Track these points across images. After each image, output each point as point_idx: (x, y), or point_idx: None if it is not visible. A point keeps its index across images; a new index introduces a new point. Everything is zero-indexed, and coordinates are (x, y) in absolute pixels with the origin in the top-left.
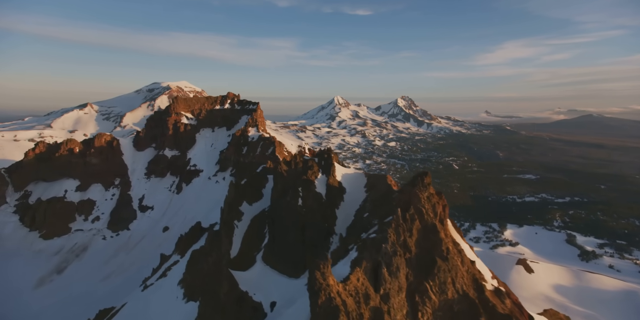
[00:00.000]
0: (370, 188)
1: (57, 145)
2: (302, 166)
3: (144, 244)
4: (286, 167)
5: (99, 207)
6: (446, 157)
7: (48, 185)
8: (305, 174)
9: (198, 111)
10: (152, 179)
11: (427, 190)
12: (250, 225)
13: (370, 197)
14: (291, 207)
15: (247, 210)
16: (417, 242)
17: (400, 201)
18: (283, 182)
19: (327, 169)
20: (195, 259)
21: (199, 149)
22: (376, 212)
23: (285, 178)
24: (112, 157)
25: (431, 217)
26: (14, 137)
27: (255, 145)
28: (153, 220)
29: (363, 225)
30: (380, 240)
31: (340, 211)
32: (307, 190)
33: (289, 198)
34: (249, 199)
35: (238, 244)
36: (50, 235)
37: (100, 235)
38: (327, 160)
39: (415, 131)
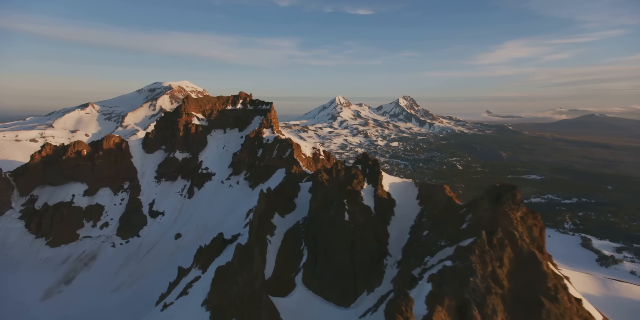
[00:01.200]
0: (424, 200)
1: (64, 148)
2: (345, 175)
3: (156, 252)
4: (327, 176)
5: (107, 212)
6: (449, 157)
7: (55, 190)
8: (350, 183)
9: (209, 111)
10: (162, 182)
11: (519, 209)
12: (284, 241)
13: (427, 211)
14: (337, 222)
15: (279, 223)
16: (510, 275)
17: (482, 221)
18: (324, 193)
19: (373, 178)
20: (221, 276)
21: (210, 151)
22: (440, 231)
23: (326, 188)
24: (120, 159)
25: (527, 242)
26: (16, 137)
27: (271, 147)
28: (164, 227)
29: (425, 247)
30: (464, 271)
31: (392, 227)
32: (353, 202)
33: (334, 212)
34: (280, 210)
35: (272, 263)
36: (57, 243)
37: (109, 242)
38: (372, 168)
39: (417, 131)
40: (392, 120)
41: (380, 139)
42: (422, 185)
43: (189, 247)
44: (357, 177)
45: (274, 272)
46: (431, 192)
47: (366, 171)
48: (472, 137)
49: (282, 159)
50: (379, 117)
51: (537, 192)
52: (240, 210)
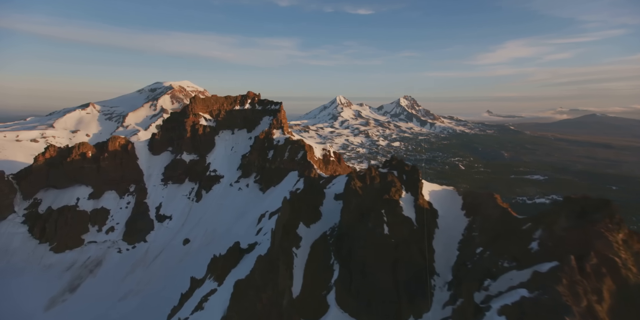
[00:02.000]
0: (471, 210)
1: (68, 150)
2: (380, 182)
3: (163, 258)
4: (360, 183)
5: (113, 216)
6: (451, 157)
7: (59, 193)
8: (387, 192)
9: (216, 112)
10: (169, 185)
11: (620, 230)
12: (311, 254)
13: (477, 224)
14: (376, 236)
15: (305, 233)
16: (612, 313)
17: (565, 242)
18: (358, 202)
19: (412, 186)
20: (241, 292)
21: (218, 153)
22: (500, 249)
23: (360, 197)
24: (126, 161)
25: (633, 272)
26: (16, 137)
27: (282, 149)
28: (172, 231)
29: (482, 267)
30: (552, 305)
31: (437, 242)
32: (392, 213)
33: (372, 224)
34: (305, 219)
35: (299, 279)
36: (62, 248)
37: (115, 247)
38: (411, 174)
39: (419, 131)
40: (393, 120)
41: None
42: (466, 193)
43: (198, 253)
44: (394, 185)
45: (302, 289)
46: (479, 201)
47: (403, 178)
48: (474, 137)
49: (294, 161)
50: (379, 117)
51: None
52: (250, 215)
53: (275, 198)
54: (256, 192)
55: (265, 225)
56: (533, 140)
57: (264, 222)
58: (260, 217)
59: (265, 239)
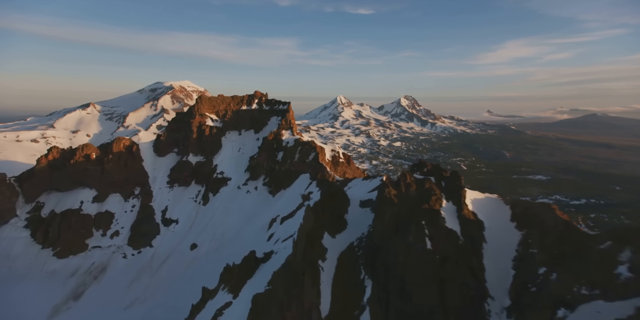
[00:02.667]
0: (523, 223)
1: (71, 151)
2: (416, 189)
3: (170, 264)
4: (395, 191)
5: (118, 220)
6: (453, 157)
7: (62, 196)
8: (427, 201)
9: (223, 112)
10: (175, 188)
11: None
12: (338, 267)
13: (535, 239)
14: (417, 251)
15: (330, 244)
16: None
17: None
18: (393, 212)
19: (454, 194)
20: (261, 308)
21: (225, 155)
22: (573, 271)
23: (396, 206)
24: (131, 163)
25: None
26: (17, 137)
27: (292, 150)
28: (178, 236)
29: (552, 293)
30: None
31: (487, 259)
32: (434, 225)
33: (412, 238)
34: (330, 228)
35: (327, 296)
36: (65, 254)
37: (120, 252)
38: (452, 181)
39: (419, 131)
40: (393, 120)
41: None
42: (516, 203)
43: (206, 259)
44: (434, 193)
45: (332, 308)
46: (532, 212)
47: (441, 185)
48: (475, 136)
49: (305, 164)
50: (380, 117)
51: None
52: (260, 219)
53: (286, 202)
54: (265, 195)
55: (277, 230)
56: (534, 140)
57: (275, 227)
58: (271, 222)
59: (281, 247)
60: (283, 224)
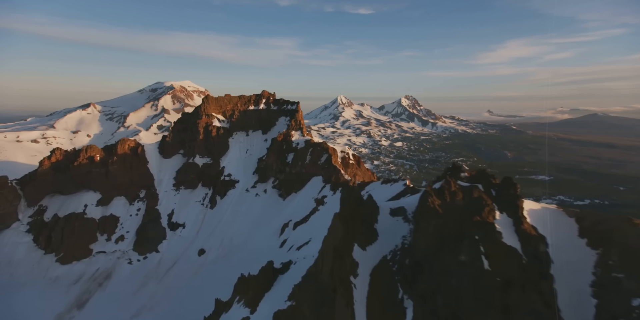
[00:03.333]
0: (597, 240)
1: (75, 153)
2: (463, 198)
3: (177, 270)
4: (439, 200)
5: (122, 224)
6: (455, 157)
7: (65, 199)
8: (479, 212)
9: (230, 112)
10: (181, 190)
11: None
12: (371, 284)
13: (618, 260)
14: (473, 273)
15: (361, 257)
16: None
17: None
18: (438, 224)
19: (509, 204)
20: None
21: (233, 156)
22: None
23: (441, 218)
24: (136, 165)
25: None
26: (17, 138)
27: (303, 152)
28: (185, 241)
29: None
30: None
31: (558, 283)
32: (490, 241)
33: (466, 255)
34: (360, 240)
35: (361, 317)
36: (69, 259)
37: (126, 258)
38: (504, 189)
39: (420, 131)
40: (394, 120)
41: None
42: (582, 215)
43: (214, 266)
44: (486, 204)
45: None
46: (607, 227)
47: (491, 193)
48: (476, 136)
49: (317, 166)
50: (381, 116)
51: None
52: (271, 224)
53: (298, 205)
54: (275, 199)
55: (290, 236)
56: (535, 140)
57: (288, 233)
58: (283, 227)
59: (300, 257)
60: (296, 230)
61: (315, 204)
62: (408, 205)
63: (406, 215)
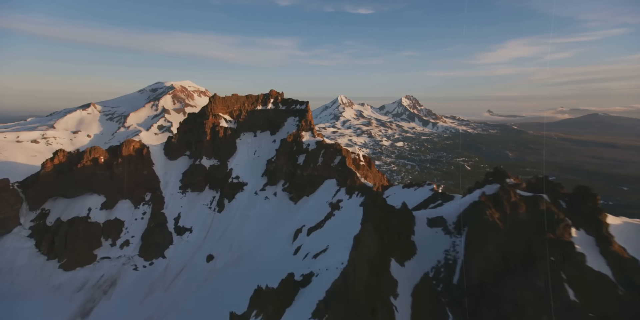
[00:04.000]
0: None
1: (79, 155)
2: (527, 211)
3: (185, 277)
4: (498, 214)
5: (128, 228)
6: (456, 157)
7: (69, 203)
8: (552, 229)
9: (237, 112)
10: (188, 193)
11: None
12: (414, 307)
13: None
14: (558, 307)
15: (399, 274)
16: None
17: None
18: (500, 241)
19: (587, 219)
20: None
21: (240, 158)
22: None
23: (502, 234)
24: (141, 167)
25: None
26: (17, 138)
27: (315, 153)
28: (193, 246)
29: None
30: None
31: None
32: (573, 265)
33: (542, 282)
34: (397, 254)
35: None
36: (72, 266)
37: (131, 264)
38: (579, 199)
39: (421, 131)
40: (395, 120)
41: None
42: None
43: (224, 273)
44: (559, 218)
45: None
46: None
47: (560, 204)
48: (477, 136)
49: (330, 168)
50: (381, 116)
51: None
52: (282, 229)
53: (310, 210)
54: (286, 202)
55: (304, 243)
56: (537, 140)
57: (301, 239)
58: (295, 233)
59: (321, 268)
60: (311, 236)
61: (329, 208)
62: (447, 214)
63: (446, 226)
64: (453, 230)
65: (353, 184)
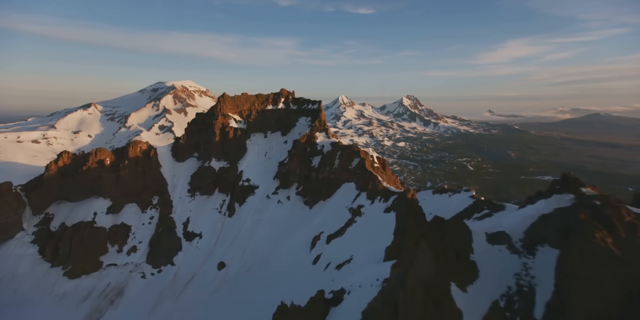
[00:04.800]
0: None
1: (84, 157)
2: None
3: (196, 286)
4: (611, 238)
5: (135, 234)
6: (459, 157)
7: (74, 207)
8: None
9: (247, 112)
10: (197, 197)
11: None
12: None
13: None
14: None
15: (462, 302)
16: None
17: None
18: (618, 273)
19: None
20: None
21: (251, 159)
22: None
23: (619, 264)
24: (148, 170)
25: None
26: (17, 138)
27: (331, 155)
28: (203, 252)
29: None
30: None
31: None
32: None
33: None
34: (456, 277)
35: None
36: (78, 273)
37: (139, 271)
38: None
39: (422, 131)
40: (396, 120)
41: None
42: None
43: (237, 282)
44: None
45: None
46: None
47: None
48: (478, 136)
49: (348, 171)
50: (382, 116)
51: None
52: (298, 235)
53: (328, 215)
54: (301, 207)
55: (323, 251)
56: (539, 140)
57: (320, 247)
58: (313, 240)
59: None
60: (331, 244)
61: (350, 214)
62: (509, 229)
63: (511, 243)
64: (521, 249)
65: (375, 188)
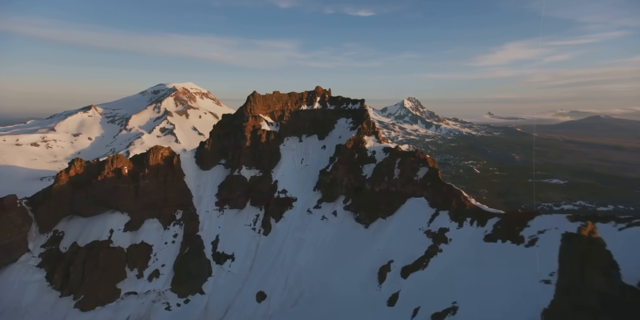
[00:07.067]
0: None
1: (99, 164)
2: None
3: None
4: None
5: (156, 255)
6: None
7: (86, 223)
8: None
9: (279, 113)
10: (226, 210)
11: None
12: None
13: None
14: None
15: None
16: None
17: None
18: None
19: None
20: None
21: (286, 167)
22: None
23: None
24: (171, 179)
25: None
26: (16, 141)
27: (389, 164)
28: (237, 279)
29: None
30: None
31: None
32: None
33: None
34: None
35: None
36: (91, 304)
37: (163, 302)
38: None
39: (424, 133)
40: (397, 122)
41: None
42: None
43: (282, 317)
44: None
45: None
46: None
47: None
48: (481, 138)
49: (414, 183)
50: (384, 118)
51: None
52: (356, 262)
53: (394, 238)
54: (352, 225)
55: (402, 288)
56: (541, 142)
57: (394, 282)
58: (381, 271)
59: None
60: (409, 279)
61: (429, 239)
62: None
63: None
64: None
65: (461, 206)
